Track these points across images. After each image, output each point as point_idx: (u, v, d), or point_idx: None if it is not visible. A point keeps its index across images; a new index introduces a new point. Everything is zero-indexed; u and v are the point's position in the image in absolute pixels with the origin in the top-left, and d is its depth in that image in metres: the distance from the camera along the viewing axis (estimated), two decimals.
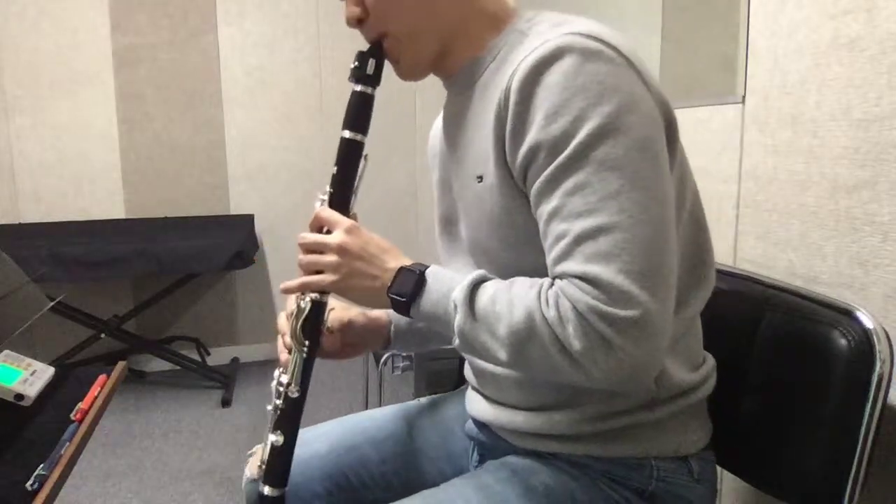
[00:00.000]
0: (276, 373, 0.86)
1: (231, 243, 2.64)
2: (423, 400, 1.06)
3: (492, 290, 0.72)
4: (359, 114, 0.84)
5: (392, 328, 1.00)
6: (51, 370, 1.03)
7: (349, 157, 0.84)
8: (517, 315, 0.69)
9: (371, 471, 0.95)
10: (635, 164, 0.67)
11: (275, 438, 0.83)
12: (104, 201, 3.00)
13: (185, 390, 2.89)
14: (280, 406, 0.84)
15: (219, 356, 3.17)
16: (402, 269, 0.78)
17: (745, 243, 1.19)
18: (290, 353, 0.86)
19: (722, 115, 1.25)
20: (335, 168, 0.84)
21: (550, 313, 0.67)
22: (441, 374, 2.75)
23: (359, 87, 0.84)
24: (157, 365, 3.07)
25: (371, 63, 0.83)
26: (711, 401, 0.84)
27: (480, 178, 0.78)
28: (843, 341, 0.78)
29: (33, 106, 2.87)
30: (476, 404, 0.91)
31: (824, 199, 1.00)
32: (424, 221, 3.37)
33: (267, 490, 0.84)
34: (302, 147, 3.18)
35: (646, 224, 0.66)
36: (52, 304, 1.15)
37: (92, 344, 2.81)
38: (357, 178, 0.85)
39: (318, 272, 0.81)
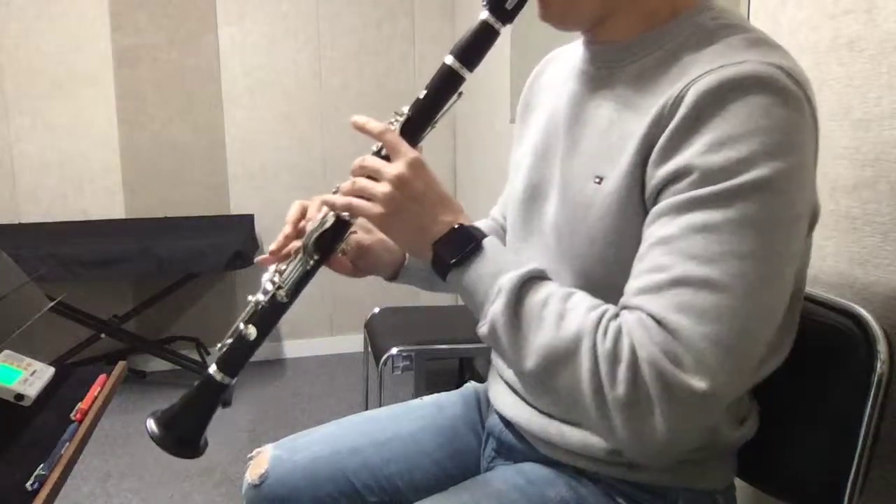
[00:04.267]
0: (271, 269, 0.80)
1: (231, 243, 2.63)
2: (426, 399, 1.04)
3: (545, 292, 0.65)
4: (475, 45, 0.71)
5: (406, 263, 0.94)
6: (51, 370, 1.03)
7: (444, 87, 0.73)
8: (564, 331, 0.61)
9: (375, 473, 0.93)
10: (777, 236, 0.60)
11: (247, 331, 0.78)
12: (104, 201, 3.00)
13: (185, 390, 2.89)
14: (264, 304, 0.78)
15: None
16: (456, 228, 0.69)
17: None
18: (287, 248, 0.81)
19: None
20: (423, 91, 0.73)
21: (606, 345, 0.59)
22: (441, 374, 2.75)
23: (488, 17, 0.71)
24: (157, 365, 3.06)
25: None
26: None
27: (600, 179, 0.70)
28: (843, 341, 0.78)
29: (33, 106, 2.86)
30: (507, 400, 0.87)
31: (824, 199, 1.00)
32: None
33: (219, 376, 0.79)
34: (302, 147, 3.18)
35: (758, 302, 0.59)
36: (52, 304, 1.15)
37: (92, 344, 2.81)
38: (443, 111, 0.74)
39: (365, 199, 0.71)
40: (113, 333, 2.81)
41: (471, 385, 1.04)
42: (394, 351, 1.95)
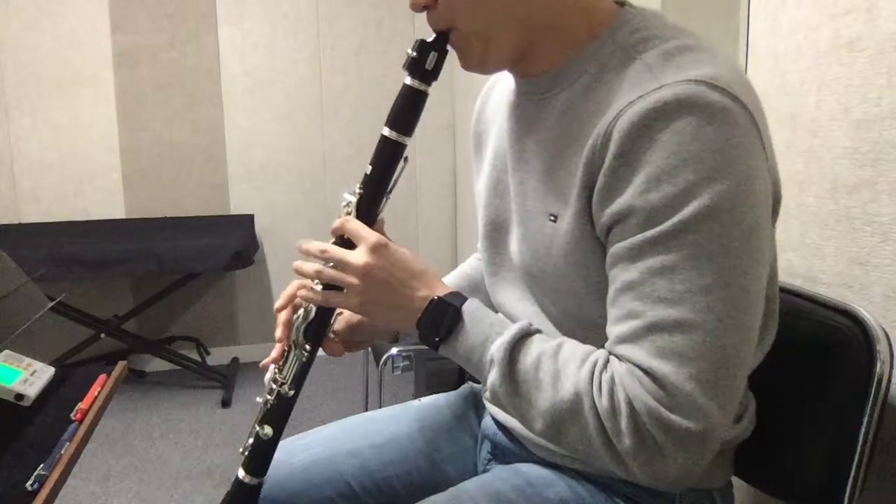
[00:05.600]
0: (272, 368, 0.83)
1: (231, 243, 2.64)
2: (424, 400, 1.04)
3: (536, 352, 0.66)
4: (406, 112, 0.74)
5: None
6: (51, 370, 1.03)
7: (387, 159, 0.75)
8: (563, 392, 0.63)
9: (372, 475, 0.93)
10: (735, 257, 0.59)
11: (264, 431, 0.81)
12: (104, 201, 3.00)
13: (185, 390, 2.89)
14: (272, 402, 0.81)
15: (219, 356, 3.17)
16: (433, 301, 0.70)
17: None
18: (286, 348, 0.83)
19: None
20: (369, 167, 0.75)
21: (603, 403, 0.61)
22: (441, 374, 2.74)
23: (412, 82, 0.73)
24: (157, 365, 3.07)
25: (432, 57, 0.72)
26: None
27: (555, 218, 0.71)
28: (843, 341, 0.78)
29: (33, 106, 2.87)
30: None
31: (824, 199, 1.00)
32: (423, 222, 3.37)
33: (247, 479, 0.82)
34: (302, 147, 3.18)
35: (732, 329, 0.59)
36: (52, 304, 1.15)
37: (92, 344, 2.81)
38: (392, 181, 0.76)
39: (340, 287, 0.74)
40: (113, 333, 2.81)
41: (468, 386, 1.04)
42: (394, 351, 1.95)
